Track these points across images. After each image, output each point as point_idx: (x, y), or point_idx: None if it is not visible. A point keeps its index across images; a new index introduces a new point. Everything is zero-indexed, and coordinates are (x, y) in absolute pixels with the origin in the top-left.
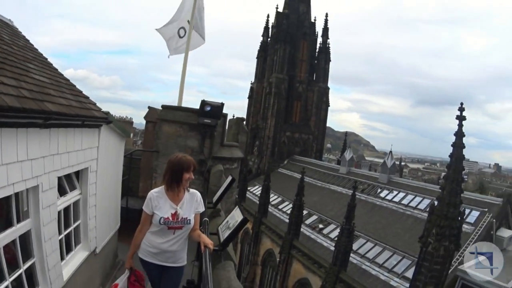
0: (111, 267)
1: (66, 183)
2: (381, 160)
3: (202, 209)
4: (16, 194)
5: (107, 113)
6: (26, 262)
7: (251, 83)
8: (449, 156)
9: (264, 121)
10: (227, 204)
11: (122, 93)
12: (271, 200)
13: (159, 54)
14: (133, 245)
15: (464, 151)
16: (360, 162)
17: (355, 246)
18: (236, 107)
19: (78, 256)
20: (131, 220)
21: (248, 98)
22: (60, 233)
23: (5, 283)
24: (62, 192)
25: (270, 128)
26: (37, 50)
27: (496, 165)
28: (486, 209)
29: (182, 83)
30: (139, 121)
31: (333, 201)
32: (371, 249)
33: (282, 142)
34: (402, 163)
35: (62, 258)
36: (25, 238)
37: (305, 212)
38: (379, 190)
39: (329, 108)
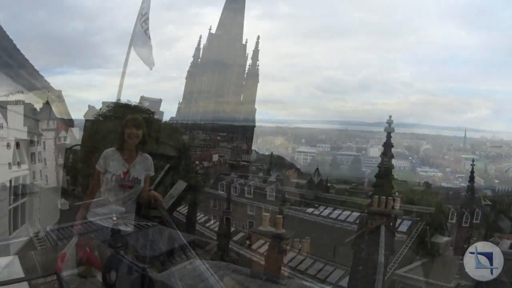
0: None
1: None
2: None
3: (152, 172)
4: None
5: None
6: None
7: (178, 103)
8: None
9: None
10: None
11: None
12: None
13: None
14: (83, 207)
15: None
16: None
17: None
18: None
19: None
20: None
21: None
22: None
23: None
24: None
25: None
26: None
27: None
28: (419, 218)
29: (123, 76)
30: None
31: None
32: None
33: None
34: (328, 184)
35: None
36: None
37: None
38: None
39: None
